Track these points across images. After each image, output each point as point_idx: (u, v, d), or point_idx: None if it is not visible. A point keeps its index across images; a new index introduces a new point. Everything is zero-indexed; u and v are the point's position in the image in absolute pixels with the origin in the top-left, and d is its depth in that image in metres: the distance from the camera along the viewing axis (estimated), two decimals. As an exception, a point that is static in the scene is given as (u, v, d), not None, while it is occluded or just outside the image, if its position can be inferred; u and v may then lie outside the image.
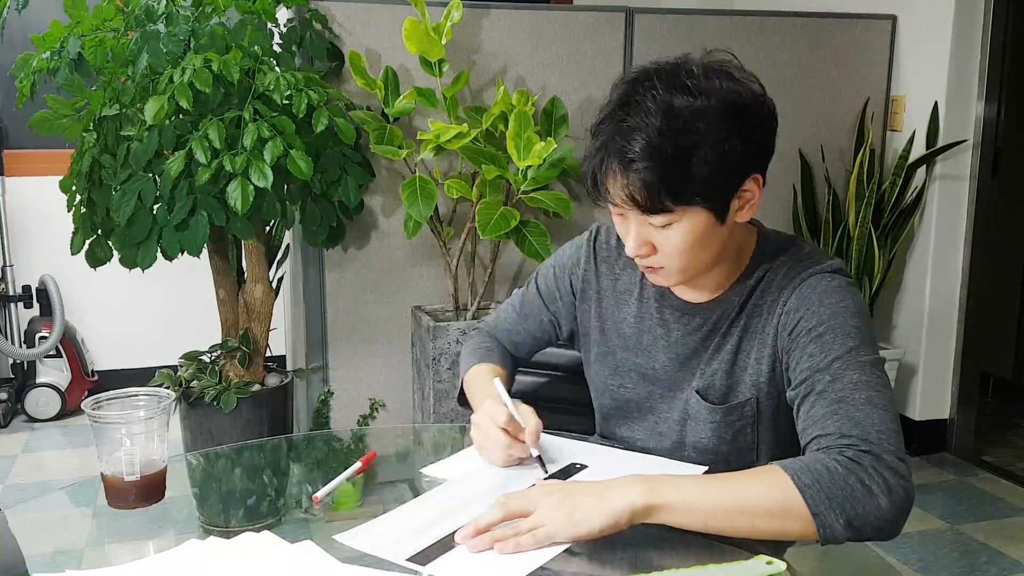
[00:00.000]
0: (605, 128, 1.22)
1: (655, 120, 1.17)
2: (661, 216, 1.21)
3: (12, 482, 3.42)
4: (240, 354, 2.97)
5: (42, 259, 4.05)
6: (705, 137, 1.17)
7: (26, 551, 1.07)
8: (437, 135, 2.80)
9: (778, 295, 1.31)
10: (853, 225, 3.48)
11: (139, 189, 2.64)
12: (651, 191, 1.18)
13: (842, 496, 1.08)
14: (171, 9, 2.63)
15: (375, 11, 3.13)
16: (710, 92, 1.19)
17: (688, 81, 1.19)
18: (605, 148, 1.21)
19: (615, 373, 1.48)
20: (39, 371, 4.04)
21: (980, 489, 3.42)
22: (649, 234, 1.25)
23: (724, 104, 1.19)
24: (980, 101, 3.48)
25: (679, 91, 1.18)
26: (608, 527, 1.08)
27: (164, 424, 1.26)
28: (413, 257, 3.29)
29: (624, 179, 1.20)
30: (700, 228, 1.23)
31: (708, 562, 1.07)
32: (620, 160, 1.19)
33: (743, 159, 1.22)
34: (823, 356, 1.22)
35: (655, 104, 1.18)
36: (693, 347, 1.39)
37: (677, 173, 1.17)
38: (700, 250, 1.26)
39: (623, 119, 1.19)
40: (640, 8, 3.40)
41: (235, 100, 2.64)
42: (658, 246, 1.25)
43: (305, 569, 1.06)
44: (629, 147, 1.18)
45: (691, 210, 1.21)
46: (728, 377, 1.36)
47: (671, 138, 1.16)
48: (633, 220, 1.25)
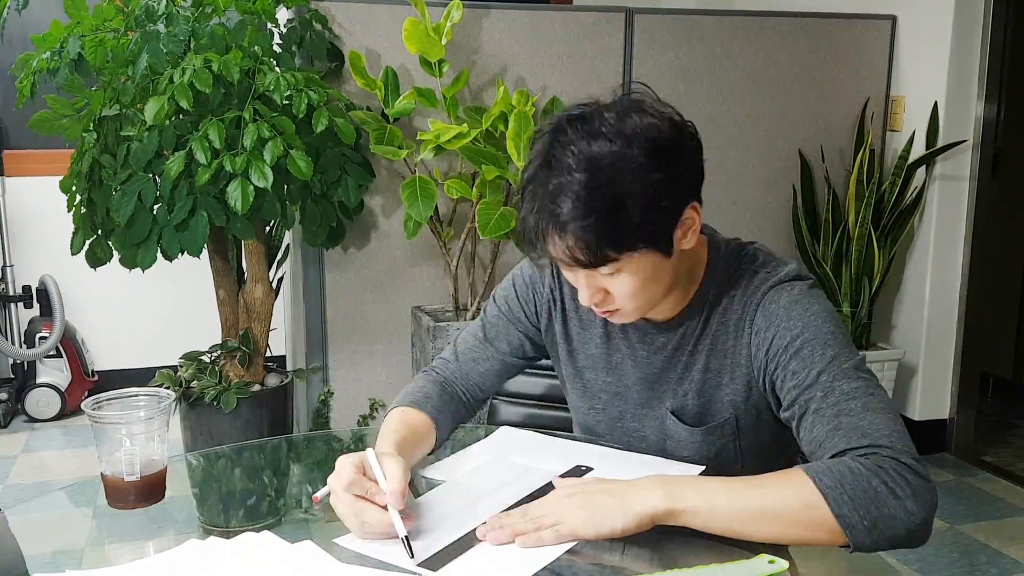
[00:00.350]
0: (532, 190, 1.18)
1: (579, 176, 1.14)
2: (607, 267, 1.19)
3: (12, 482, 3.42)
4: (240, 354, 2.97)
5: (42, 259, 4.05)
6: (633, 183, 1.14)
7: (26, 551, 1.07)
8: (437, 135, 2.80)
9: (742, 312, 1.29)
10: (853, 225, 3.48)
11: (139, 189, 2.64)
12: (590, 248, 1.15)
13: (866, 498, 1.06)
14: (171, 9, 2.63)
15: (375, 11, 3.13)
16: (629, 134, 1.15)
17: (603, 127, 1.16)
18: (536, 213, 1.17)
19: (584, 394, 1.46)
20: (39, 371, 4.04)
21: (980, 489, 3.42)
22: (600, 283, 1.23)
23: (645, 144, 1.15)
24: (980, 101, 3.48)
25: (596, 138, 1.15)
26: (630, 529, 1.09)
27: (164, 424, 1.26)
28: (413, 257, 3.29)
29: (562, 241, 1.16)
30: (648, 267, 1.21)
31: (711, 562, 1.07)
32: (553, 223, 1.16)
33: (675, 193, 1.20)
34: (807, 372, 1.20)
35: (575, 159, 1.14)
36: (660, 366, 1.37)
37: (612, 224, 1.15)
38: (652, 286, 1.24)
39: (547, 179, 1.16)
40: (640, 8, 3.40)
41: (235, 100, 2.64)
42: (611, 291, 1.23)
43: (305, 569, 1.06)
44: (559, 208, 1.15)
45: (635, 255, 1.18)
46: (700, 397, 1.35)
47: (598, 191, 1.13)
48: (581, 274, 1.23)
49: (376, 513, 1.10)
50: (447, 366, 1.56)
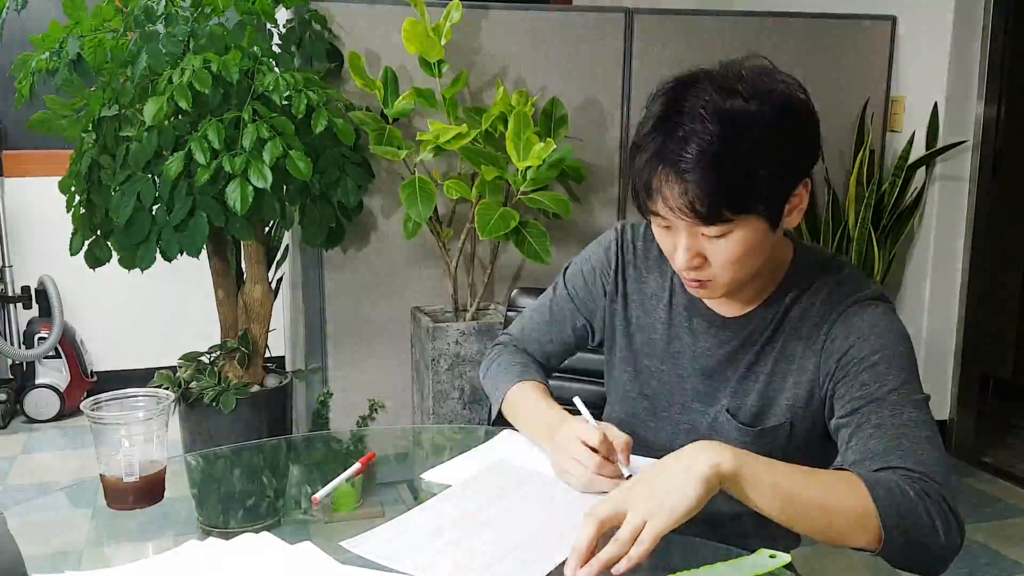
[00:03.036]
0: (654, 137, 1.16)
1: (711, 126, 1.12)
2: (717, 226, 1.16)
3: (11, 483, 3.42)
4: (239, 355, 2.96)
5: (41, 260, 4.05)
6: (763, 143, 1.13)
7: (25, 552, 1.07)
8: (436, 136, 2.80)
9: (821, 320, 1.27)
10: (853, 226, 3.48)
11: (138, 190, 2.63)
12: (712, 200, 1.13)
13: (911, 520, 1.08)
14: (170, 10, 2.63)
15: (375, 12, 3.13)
16: (763, 96, 1.15)
17: (739, 85, 1.15)
18: (658, 158, 1.15)
19: (636, 378, 1.44)
20: (38, 372, 4.04)
21: (980, 490, 3.41)
22: (701, 246, 1.20)
23: (778, 108, 1.15)
24: (980, 102, 3.48)
25: (731, 95, 1.14)
26: (702, 496, 1.04)
27: (163, 425, 1.25)
28: (412, 258, 3.29)
29: (682, 189, 1.14)
30: (754, 237, 1.19)
31: (714, 561, 1.07)
32: (676, 170, 1.14)
33: (797, 164, 1.19)
34: (878, 386, 1.19)
35: (708, 110, 1.13)
36: (720, 361, 1.35)
37: (738, 182, 1.13)
38: (751, 260, 1.22)
39: (676, 127, 1.14)
40: (640, 9, 3.40)
41: (234, 101, 2.64)
42: (709, 257, 1.21)
43: (304, 570, 1.05)
44: (687, 155, 1.13)
45: (748, 219, 1.17)
46: (761, 399, 1.32)
47: (730, 145, 1.12)
48: (684, 232, 1.20)
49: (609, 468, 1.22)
50: (518, 342, 1.58)
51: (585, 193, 3.39)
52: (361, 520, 1.18)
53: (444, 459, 1.42)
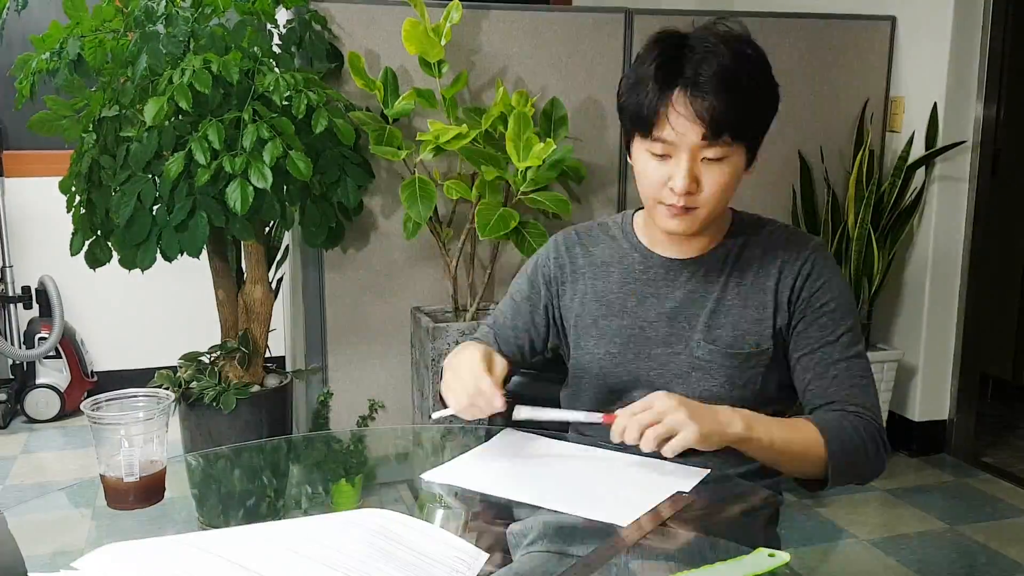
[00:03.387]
0: (667, 67, 1.27)
1: (726, 50, 1.26)
2: (717, 148, 1.29)
3: (11, 483, 3.42)
4: (239, 355, 2.97)
5: (41, 260, 4.05)
6: (761, 80, 1.30)
7: (25, 552, 1.07)
8: (436, 136, 2.80)
9: (787, 256, 1.43)
10: (852, 226, 3.48)
11: (138, 190, 2.63)
12: (724, 114, 1.25)
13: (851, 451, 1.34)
14: (170, 10, 2.63)
15: (374, 12, 3.13)
16: (752, 46, 1.32)
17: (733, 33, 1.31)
18: (672, 81, 1.26)
19: (601, 340, 1.50)
20: (38, 372, 4.04)
21: (979, 490, 3.42)
22: (698, 169, 1.31)
23: (763, 56, 1.33)
24: (979, 102, 3.48)
25: (732, 37, 1.29)
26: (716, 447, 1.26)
27: (163, 425, 1.25)
28: (412, 258, 3.29)
29: (699, 103, 1.25)
30: (736, 170, 1.33)
31: (714, 560, 1.07)
32: (696, 87, 1.25)
33: (772, 110, 1.35)
34: (831, 330, 1.41)
35: (719, 40, 1.27)
36: (683, 301, 1.46)
37: (745, 106, 1.27)
38: (730, 192, 1.35)
39: (689, 50, 1.27)
40: (640, 9, 3.40)
41: (234, 101, 2.64)
42: (704, 185, 1.32)
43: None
44: (703, 74, 1.25)
45: (739, 149, 1.31)
46: (735, 328, 1.43)
47: (743, 71, 1.27)
48: (686, 155, 1.30)
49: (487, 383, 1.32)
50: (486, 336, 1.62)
51: (585, 193, 3.39)
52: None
53: (444, 459, 1.42)
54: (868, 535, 3.00)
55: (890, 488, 3.40)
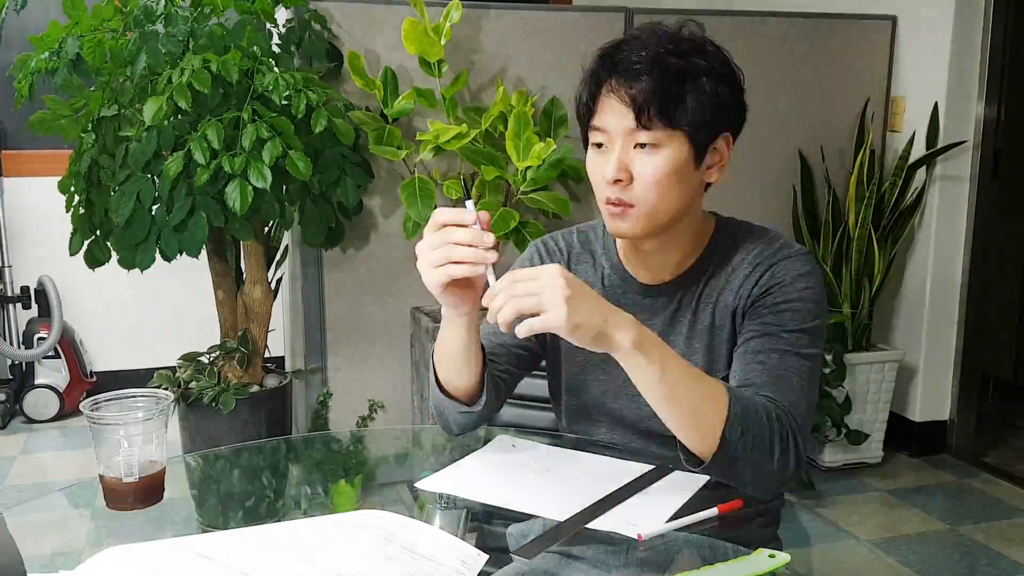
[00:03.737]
0: (604, 60, 1.29)
1: (661, 41, 1.28)
2: (649, 133, 1.26)
3: (10, 483, 3.42)
4: (239, 355, 2.96)
5: (40, 260, 4.04)
6: (703, 70, 1.27)
7: (24, 552, 1.06)
8: (436, 136, 2.80)
9: (752, 271, 1.36)
10: (853, 226, 3.47)
11: (138, 190, 2.63)
12: (649, 100, 1.25)
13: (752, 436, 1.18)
14: (170, 9, 2.62)
15: (374, 12, 3.13)
16: (707, 42, 1.32)
17: (683, 32, 1.33)
18: (609, 68, 1.28)
19: (586, 366, 1.47)
20: (38, 372, 4.03)
21: (980, 491, 3.41)
22: (629, 159, 1.28)
23: (720, 55, 1.31)
24: (980, 102, 3.48)
25: (676, 32, 1.32)
26: (589, 347, 1.15)
27: (162, 425, 1.25)
28: (412, 258, 3.27)
29: (627, 83, 1.26)
30: (679, 161, 1.28)
31: (715, 561, 1.07)
32: (624, 67, 1.27)
33: (726, 108, 1.31)
34: (777, 327, 1.31)
35: (659, 34, 1.30)
36: (660, 329, 1.41)
37: (675, 90, 1.25)
38: (673, 187, 1.29)
39: (627, 43, 1.29)
40: (639, 8, 3.40)
41: (234, 101, 2.64)
42: (636, 175, 1.28)
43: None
44: (633, 59, 1.26)
45: (676, 138, 1.27)
46: (708, 352, 1.39)
47: (676, 58, 1.26)
48: (619, 144, 1.28)
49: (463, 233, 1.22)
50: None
51: (585, 193, 3.39)
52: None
53: (444, 459, 1.41)
54: (868, 536, 3.00)
55: (891, 489, 3.40)
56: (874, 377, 3.48)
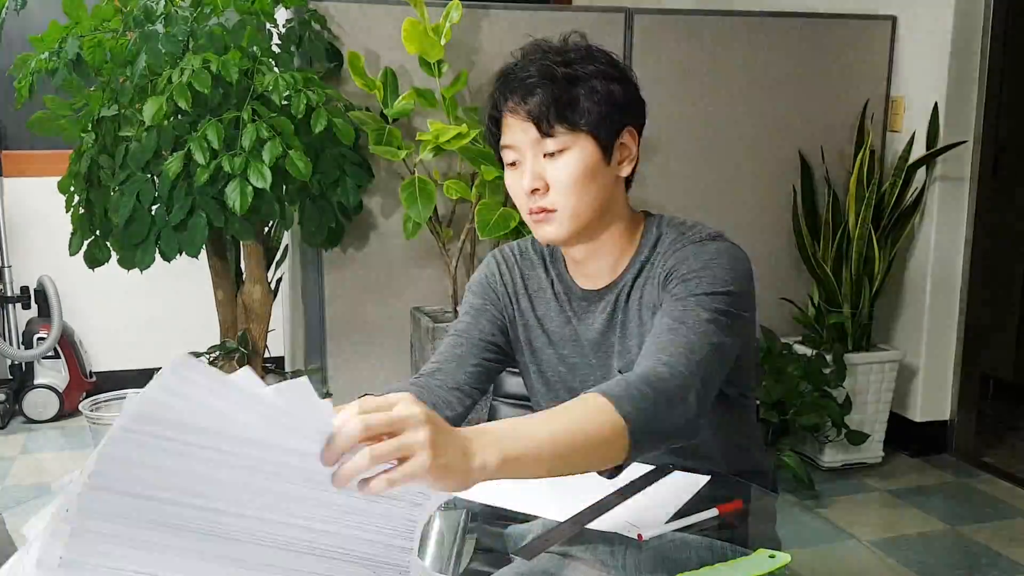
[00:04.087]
0: (506, 73, 1.37)
1: (547, 55, 1.35)
2: (553, 140, 1.32)
3: (10, 483, 3.42)
4: (239, 355, 2.96)
5: (40, 260, 4.04)
6: (593, 74, 1.33)
7: (23, 553, 1.06)
8: (436, 136, 2.80)
9: (665, 261, 1.39)
10: (853, 226, 3.47)
11: (137, 190, 2.63)
12: (545, 106, 1.31)
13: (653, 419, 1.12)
14: (169, 10, 2.63)
15: (374, 12, 3.13)
16: (593, 52, 1.37)
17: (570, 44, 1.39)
18: (506, 86, 1.36)
19: (548, 367, 1.51)
20: (37, 372, 4.03)
21: (981, 491, 3.41)
22: (542, 167, 1.34)
23: (607, 57, 1.37)
24: (980, 102, 3.47)
25: (566, 48, 1.38)
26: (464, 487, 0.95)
27: (162, 425, 1.25)
28: (412, 258, 3.29)
29: (522, 99, 1.33)
30: (589, 160, 1.33)
31: (715, 562, 1.07)
32: (518, 85, 1.34)
33: (624, 105, 1.36)
34: (682, 290, 1.32)
35: (551, 52, 1.36)
36: (601, 330, 1.45)
37: (568, 94, 1.31)
38: (589, 186, 1.34)
39: (517, 64, 1.37)
40: (639, 8, 3.40)
41: (234, 101, 2.64)
42: (551, 182, 1.34)
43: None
44: (525, 74, 1.34)
45: (580, 139, 1.33)
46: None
47: (563, 67, 1.33)
48: (529, 156, 1.34)
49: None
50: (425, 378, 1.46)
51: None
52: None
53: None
54: (869, 536, 3.00)
55: (891, 489, 3.40)
56: (874, 377, 3.48)
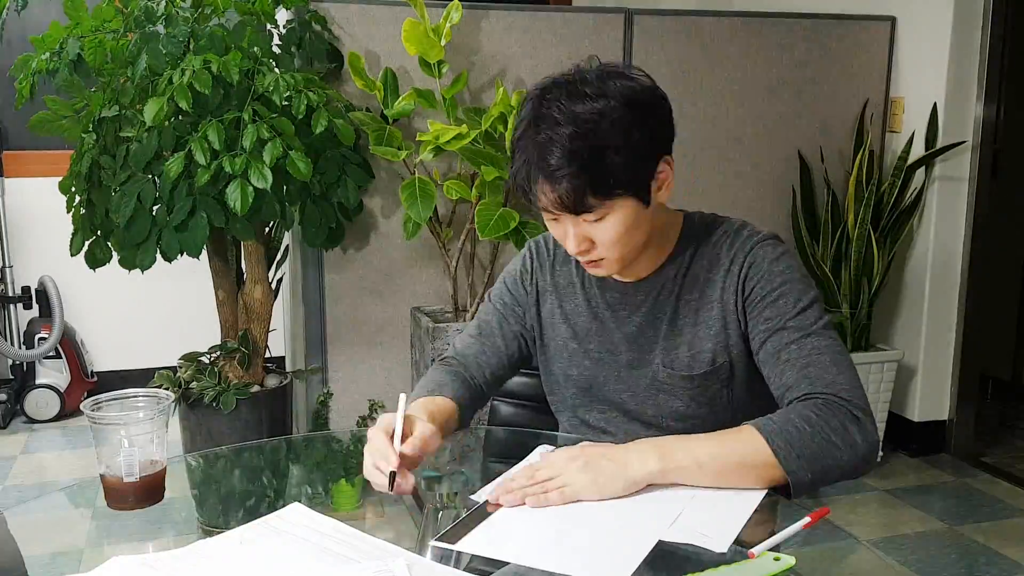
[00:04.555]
0: (524, 144, 1.32)
1: (565, 129, 1.28)
2: (592, 213, 1.31)
3: (11, 483, 3.42)
4: (239, 355, 2.97)
5: (41, 260, 4.05)
6: (612, 134, 1.28)
7: (25, 552, 1.07)
8: (436, 136, 2.80)
9: (730, 263, 1.41)
10: (852, 226, 3.48)
11: (138, 190, 2.64)
12: (578, 194, 1.28)
13: (810, 455, 1.24)
14: (170, 10, 2.63)
15: (374, 12, 3.13)
16: (608, 94, 1.30)
17: (585, 88, 1.31)
18: (528, 164, 1.31)
19: (571, 363, 1.53)
20: (38, 372, 4.04)
21: (979, 490, 3.42)
22: (585, 231, 1.34)
23: (622, 101, 1.30)
24: (979, 102, 3.48)
25: (579, 99, 1.30)
26: (629, 491, 1.22)
27: (163, 425, 1.26)
28: (412, 258, 3.29)
29: (551, 188, 1.29)
30: (630, 215, 1.33)
31: (719, 563, 1.07)
32: (543, 172, 1.29)
33: (649, 145, 1.33)
34: (779, 319, 1.36)
35: (561, 115, 1.29)
36: (641, 323, 1.47)
37: (596, 172, 1.28)
38: (633, 234, 1.35)
39: (536, 134, 1.30)
40: (639, 9, 3.40)
41: (234, 101, 2.64)
42: (595, 240, 1.35)
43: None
44: (549, 159, 1.28)
45: (618, 201, 1.31)
46: (691, 347, 1.43)
47: (583, 141, 1.27)
48: (568, 221, 1.34)
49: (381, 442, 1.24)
50: (454, 359, 1.58)
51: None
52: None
53: (443, 459, 1.42)
54: (868, 535, 3.00)
55: (890, 488, 3.40)
56: (873, 377, 3.49)
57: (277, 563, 1.07)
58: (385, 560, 1.06)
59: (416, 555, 1.08)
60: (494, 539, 1.12)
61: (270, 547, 1.11)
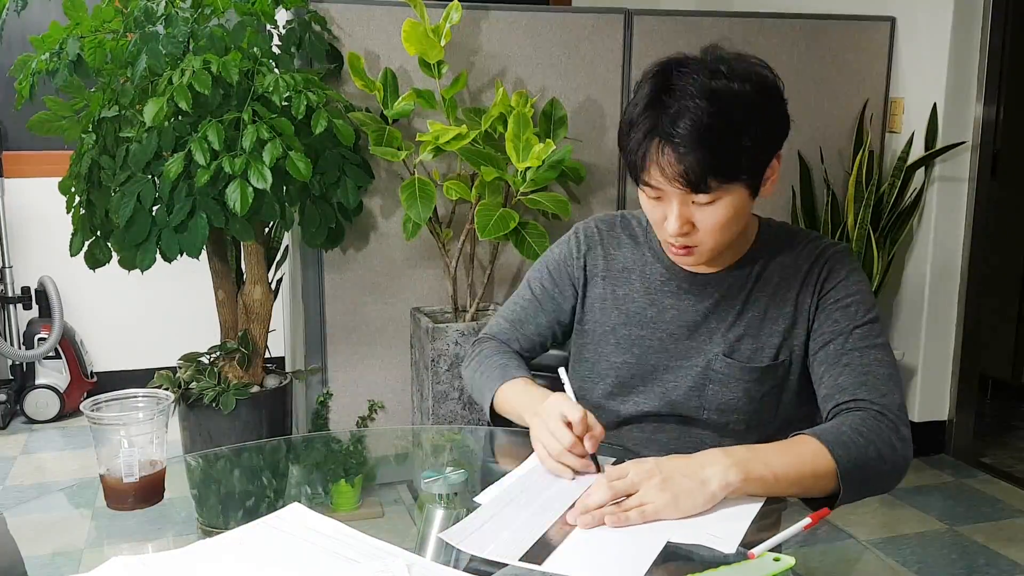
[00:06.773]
0: (649, 115, 1.27)
1: (701, 103, 1.24)
2: (706, 195, 1.28)
3: (11, 483, 3.42)
4: (239, 355, 2.97)
5: (41, 260, 4.05)
6: (746, 119, 1.26)
7: (25, 553, 1.07)
8: (436, 137, 2.80)
9: (810, 266, 1.43)
10: (852, 227, 3.48)
11: (138, 191, 2.63)
12: (703, 170, 1.25)
13: (863, 468, 1.26)
14: (170, 11, 2.63)
15: (374, 13, 3.13)
16: (744, 77, 1.28)
17: (722, 67, 1.28)
18: (654, 133, 1.26)
19: (617, 349, 1.52)
20: (38, 372, 4.04)
21: (979, 491, 3.42)
22: (690, 213, 1.32)
23: (757, 87, 1.29)
24: (979, 103, 3.48)
25: (716, 76, 1.26)
26: (708, 505, 1.18)
27: (163, 426, 1.26)
28: (412, 259, 3.29)
29: (677, 159, 1.25)
30: (739, 203, 1.32)
31: (719, 563, 1.07)
32: (671, 144, 1.25)
33: (774, 136, 1.33)
34: (847, 323, 1.39)
35: (697, 89, 1.25)
36: (704, 315, 1.46)
37: (726, 153, 1.25)
38: (733, 225, 1.35)
39: (668, 104, 1.26)
40: (639, 9, 3.40)
41: (234, 102, 2.64)
42: (698, 224, 1.33)
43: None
44: (679, 130, 1.24)
45: (734, 187, 1.29)
46: (755, 341, 1.44)
47: (719, 120, 1.24)
48: (676, 201, 1.31)
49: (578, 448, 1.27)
50: (500, 332, 1.63)
51: (584, 194, 3.39)
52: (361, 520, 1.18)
53: (444, 460, 1.42)
54: (868, 536, 3.00)
55: (890, 488, 3.40)
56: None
57: (277, 564, 1.07)
58: (385, 560, 1.06)
59: (416, 555, 1.08)
60: (500, 540, 1.12)
61: (270, 548, 1.11)
